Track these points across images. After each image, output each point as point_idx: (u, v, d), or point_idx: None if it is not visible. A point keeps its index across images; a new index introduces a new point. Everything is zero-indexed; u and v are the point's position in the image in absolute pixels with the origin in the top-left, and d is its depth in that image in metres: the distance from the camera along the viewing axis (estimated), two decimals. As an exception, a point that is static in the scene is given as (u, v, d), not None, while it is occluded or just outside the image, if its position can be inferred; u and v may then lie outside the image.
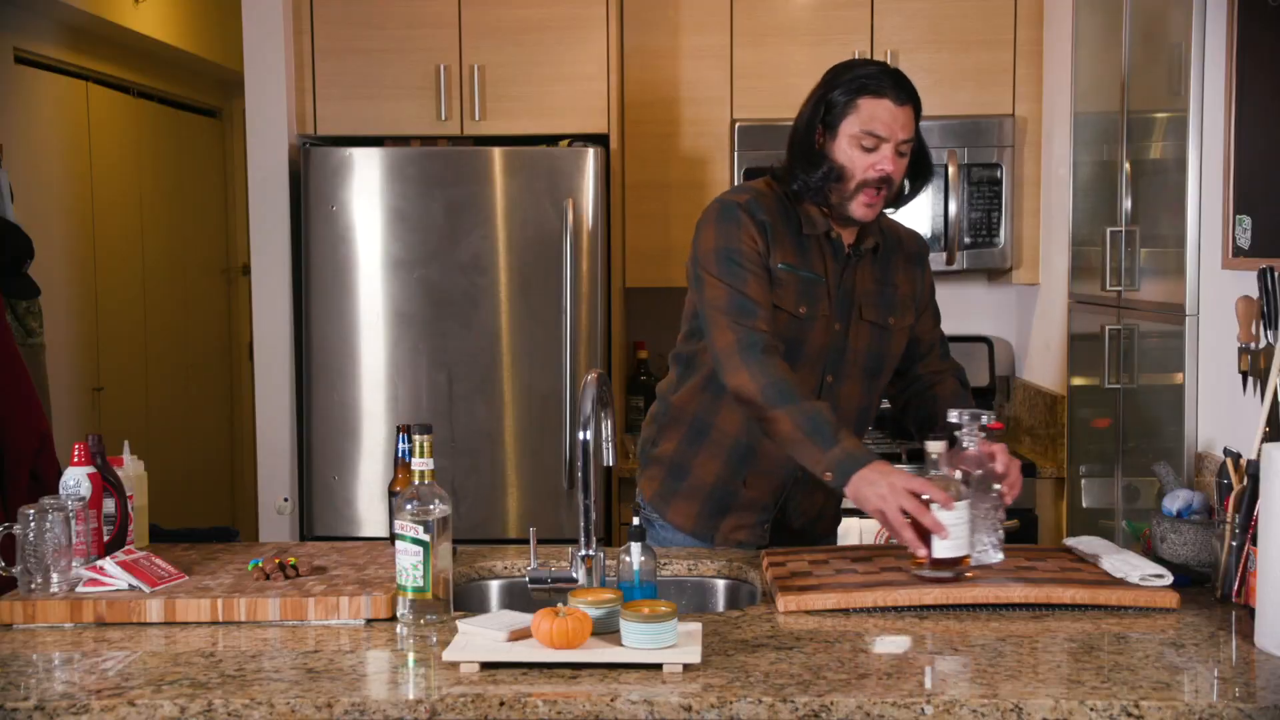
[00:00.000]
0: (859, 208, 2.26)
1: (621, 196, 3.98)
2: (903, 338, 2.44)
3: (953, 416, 2.11)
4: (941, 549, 1.99)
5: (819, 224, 2.32)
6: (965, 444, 2.10)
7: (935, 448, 2.10)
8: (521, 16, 3.83)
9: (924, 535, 2.00)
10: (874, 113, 2.23)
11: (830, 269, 2.32)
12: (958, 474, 2.06)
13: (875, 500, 2.04)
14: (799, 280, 2.30)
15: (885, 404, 4.10)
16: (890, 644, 1.84)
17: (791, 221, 2.32)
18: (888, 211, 2.42)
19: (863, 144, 2.23)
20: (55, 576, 2.02)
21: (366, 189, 3.75)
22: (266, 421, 3.90)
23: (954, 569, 2.01)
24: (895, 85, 2.24)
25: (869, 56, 3.95)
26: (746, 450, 2.39)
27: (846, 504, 2.27)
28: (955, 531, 2.00)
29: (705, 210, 2.37)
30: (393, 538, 1.98)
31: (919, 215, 3.91)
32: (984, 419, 2.10)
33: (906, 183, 2.35)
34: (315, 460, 3.80)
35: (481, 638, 1.77)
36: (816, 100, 2.29)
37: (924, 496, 2.00)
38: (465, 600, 2.28)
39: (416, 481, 1.96)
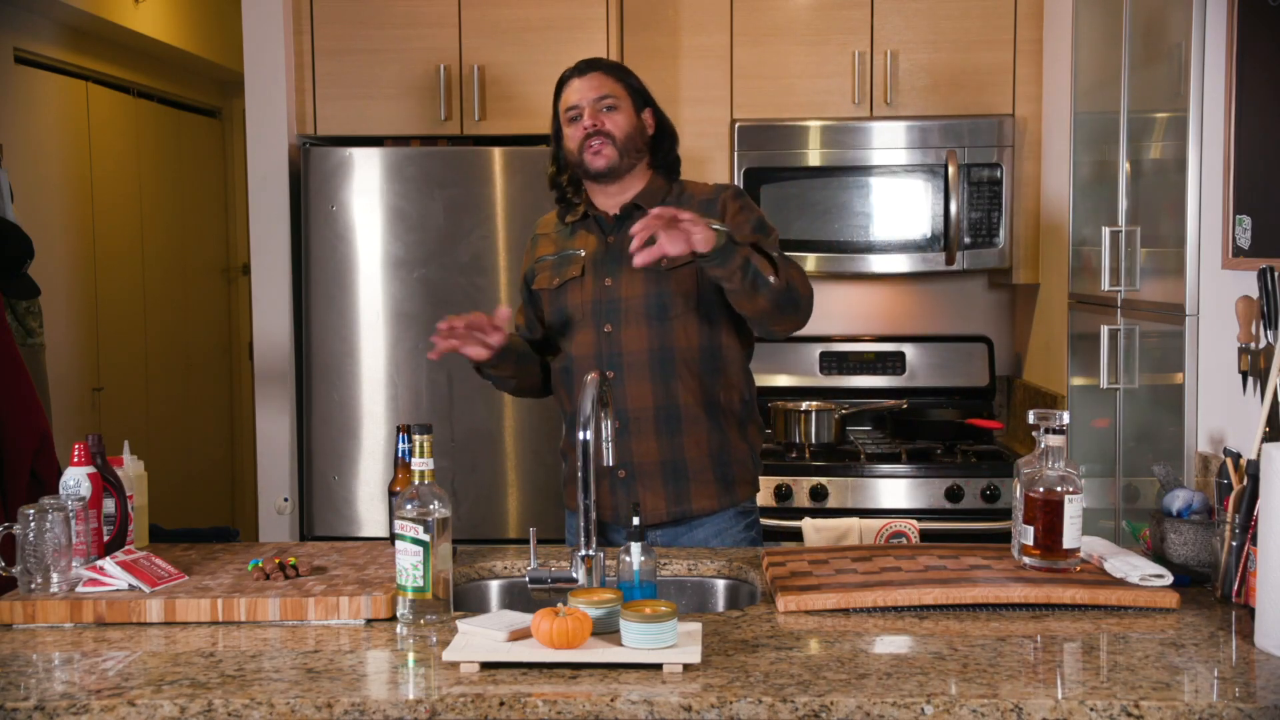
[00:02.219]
0: (590, 159, 2.56)
1: (621, 196, 3.98)
2: (685, 275, 2.53)
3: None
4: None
5: (579, 210, 2.67)
6: None
7: None
8: (521, 16, 3.83)
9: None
10: (565, 95, 2.63)
11: (593, 241, 2.63)
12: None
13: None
14: (552, 262, 2.66)
15: (896, 404, 4.12)
16: (890, 644, 1.84)
17: (561, 220, 2.70)
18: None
19: (570, 119, 2.60)
20: (55, 576, 2.02)
21: (366, 189, 3.75)
22: (266, 421, 3.90)
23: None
24: (578, 66, 2.64)
25: (869, 56, 3.95)
26: (571, 418, 2.62)
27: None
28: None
29: None
30: (393, 538, 1.98)
31: (919, 214, 3.91)
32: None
33: (652, 141, 2.63)
34: (315, 460, 3.80)
35: (481, 638, 1.77)
36: (551, 119, 2.69)
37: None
38: (465, 600, 2.28)
39: (416, 481, 1.96)
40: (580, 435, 2.04)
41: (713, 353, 2.58)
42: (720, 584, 2.32)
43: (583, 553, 2.04)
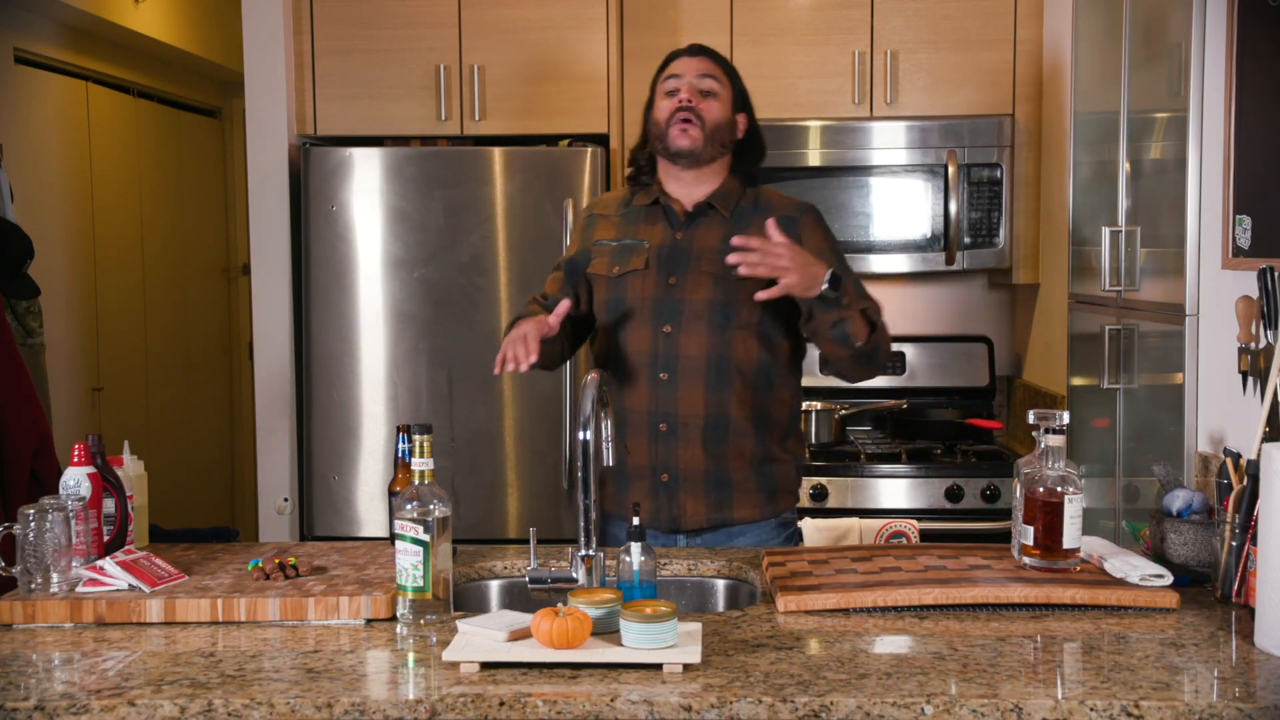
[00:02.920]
0: (675, 136, 2.51)
1: (621, 196, 3.98)
2: (755, 287, 2.43)
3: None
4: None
5: (651, 194, 2.60)
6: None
7: None
8: (521, 16, 3.83)
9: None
10: (672, 67, 2.59)
11: (660, 232, 2.56)
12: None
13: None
14: (613, 249, 2.57)
15: (896, 404, 4.12)
16: (890, 644, 1.84)
17: (629, 203, 2.63)
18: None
19: (667, 91, 2.56)
20: (55, 576, 2.02)
21: (366, 189, 3.75)
22: (266, 421, 3.90)
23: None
24: (690, 48, 2.61)
25: (869, 56, 3.95)
26: (619, 417, 2.51)
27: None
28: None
29: None
30: (393, 538, 1.98)
31: (919, 214, 3.91)
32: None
33: (738, 143, 2.59)
34: (315, 460, 3.80)
35: (481, 638, 1.77)
36: (648, 96, 2.64)
37: None
38: (465, 600, 2.28)
39: (416, 481, 1.96)
40: (581, 435, 2.04)
41: (768, 367, 2.53)
42: (720, 584, 2.32)
43: (583, 553, 2.04)
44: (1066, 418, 2.09)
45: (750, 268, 2.29)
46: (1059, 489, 2.05)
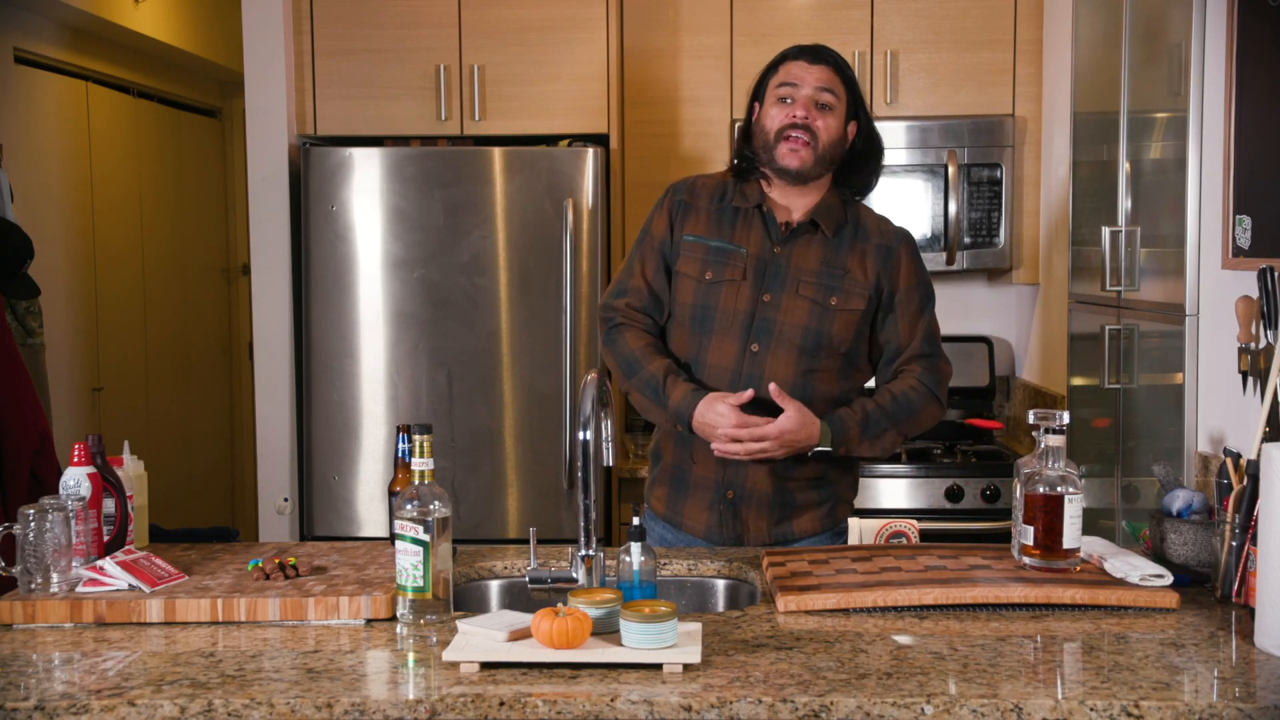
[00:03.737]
0: (785, 154, 2.40)
1: (621, 196, 3.99)
2: (848, 322, 2.43)
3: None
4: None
5: (751, 198, 2.46)
6: None
7: None
8: (521, 16, 3.83)
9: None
10: (789, 70, 2.43)
11: (758, 240, 2.44)
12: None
13: (706, 432, 2.35)
14: (707, 249, 2.45)
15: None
16: (890, 644, 1.84)
17: (724, 198, 2.49)
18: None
19: (780, 97, 2.41)
20: (55, 576, 2.02)
21: (366, 189, 3.75)
22: (266, 421, 3.90)
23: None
24: (812, 50, 2.44)
25: (869, 56, 3.95)
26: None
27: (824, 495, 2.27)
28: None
29: None
30: (393, 538, 1.98)
31: (919, 214, 3.91)
32: None
33: (859, 162, 2.50)
34: (315, 460, 3.80)
35: (481, 638, 1.77)
36: (754, 85, 2.50)
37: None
38: (465, 600, 2.28)
39: (416, 481, 1.96)
40: (581, 435, 2.03)
41: (845, 398, 2.47)
42: (720, 584, 2.32)
43: (583, 553, 2.04)
44: (1066, 418, 2.09)
45: (736, 450, 2.33)
46: (1059, 489, 2.05)
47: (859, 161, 2.50)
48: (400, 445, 2.23)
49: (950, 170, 3.86)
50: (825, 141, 2.41)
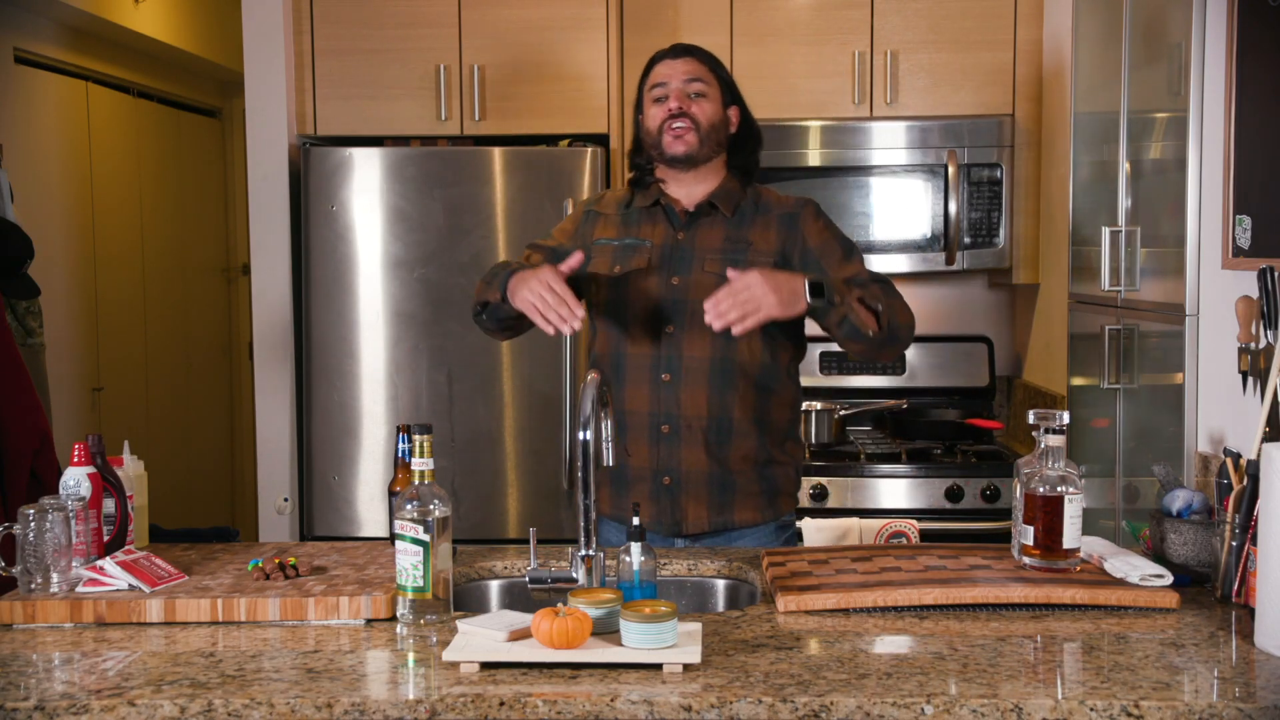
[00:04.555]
0: (670, 143, 2.50)
1: (621, 196, 3.98)
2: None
3: None
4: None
5: (651, 196, 2.58)
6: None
7: None
8: (521, 16, 3.83)
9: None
10: (657, 71, 2.56)
11: (662, 232, 2.54)
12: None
13: (521, 294, 2.34)
14: (614, 247, 2.55)
15: (896, 404, 4.11)
16: (890, 644, 1.84)
17: (630, 204, 2.60)
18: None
19: (655, 98, 2.53)
20: (55, 576, 2.02)
21: (366, 189, 3.75)
22: (266, 421, 3.90)
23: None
24: (673, 48, 2.58)
25: (869, 56, 3.95)
26: (618, 419, 2.50)
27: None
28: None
29: None
30: (393, 538, 1.98)
31: (919, 214, 3.91)
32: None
33: (734, 137, 2.57)
34: (315, 460, 3.80)
35: (481, 638, 1.77)
36: (635, 98, 2.62)
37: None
38: (465, 600, 2.28)
39: (416, 481, 1.96)
40: (581, 435, 2.04)
41: (772, 369, 2.52)
42: (720, 584, 2.32)
43: (583, 553, 2.04)
44: (1066, 418, 2.09)
45: (727, 320, 2.24)
46: (1059, 489, 2.05)
47: (741, 144, 2.59)
48: (400, 445, 2.23)
49: (950, 170, 3.86)
50: (705, 124, 2.50)
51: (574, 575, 2.04)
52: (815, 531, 3.42)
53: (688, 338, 2.47)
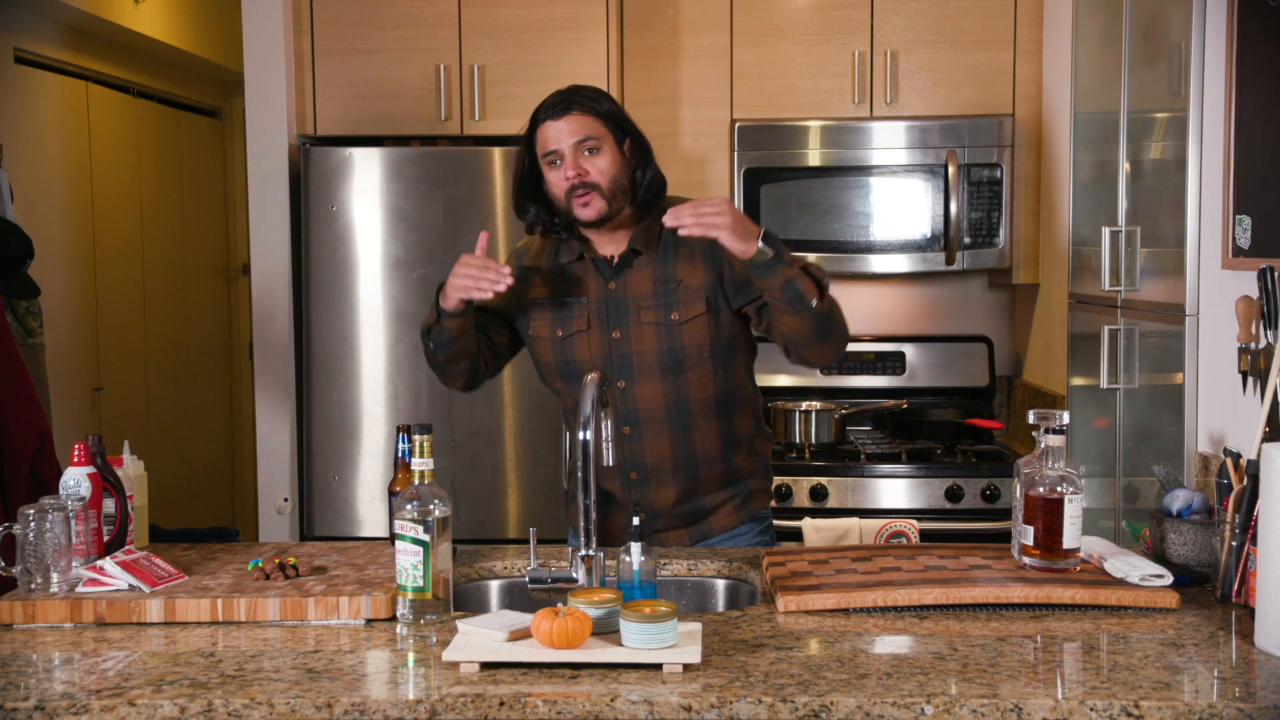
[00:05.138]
0: (579, 210, 2.43)
1: (621, 196, 3.98)
2: (697, 328, 2.44)
3: None
4: None
5: (575, 250, 2.51)
6: None
7: None
8: (521, 16, 3.83)
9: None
10: (543, 137, 2.47)
11: (594, 286, 2.49)
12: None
13: (450, 286, 2.35)
14: (553, 308, 2.51)
15: (896, 404, 4.11)
16: (890, 644, 1.84)
17: (556, 256, 2.54)
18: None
19: (549, 163, 2.46)
20: (55, 576, 2.02)
21: (366, 189, 3.75)
22: (266, 421, 3.90)
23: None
24: (552, 104, 2.47)
25: (869, 56, 3.95)
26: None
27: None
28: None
29: None
30: (393, 538, 1.98)
31: (919, 214, 3.91)
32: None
33: (636, 175, 2.48)
34: (315, 460, 3.80)
35: (481, 638, 1.77)
36: (521, 151, 2.54)
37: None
38: (465, 600, 2.28)
39: (416, 481, 1.96)
40: (581, 435, 2.04)
41: (728, 395, 2.51)
42: (720, 584, 2.32)
43: (583, 553, 2.04)
44: (1066, 418, 2.10)
45: (680, 223, 2.24)
46: (1059, 489, 2.05)
47: (641, 178, 2.48)
48: (400, 445, 2.23)
49: (950, 170, 3.86)
50: (607, 181, 2.42)
51: (574, 575, 2.04)
52: (815, 531, 3.43)
53: (639, 389, 2.47)
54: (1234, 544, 1.98)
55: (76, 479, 2.12)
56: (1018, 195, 3.95)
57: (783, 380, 4.23)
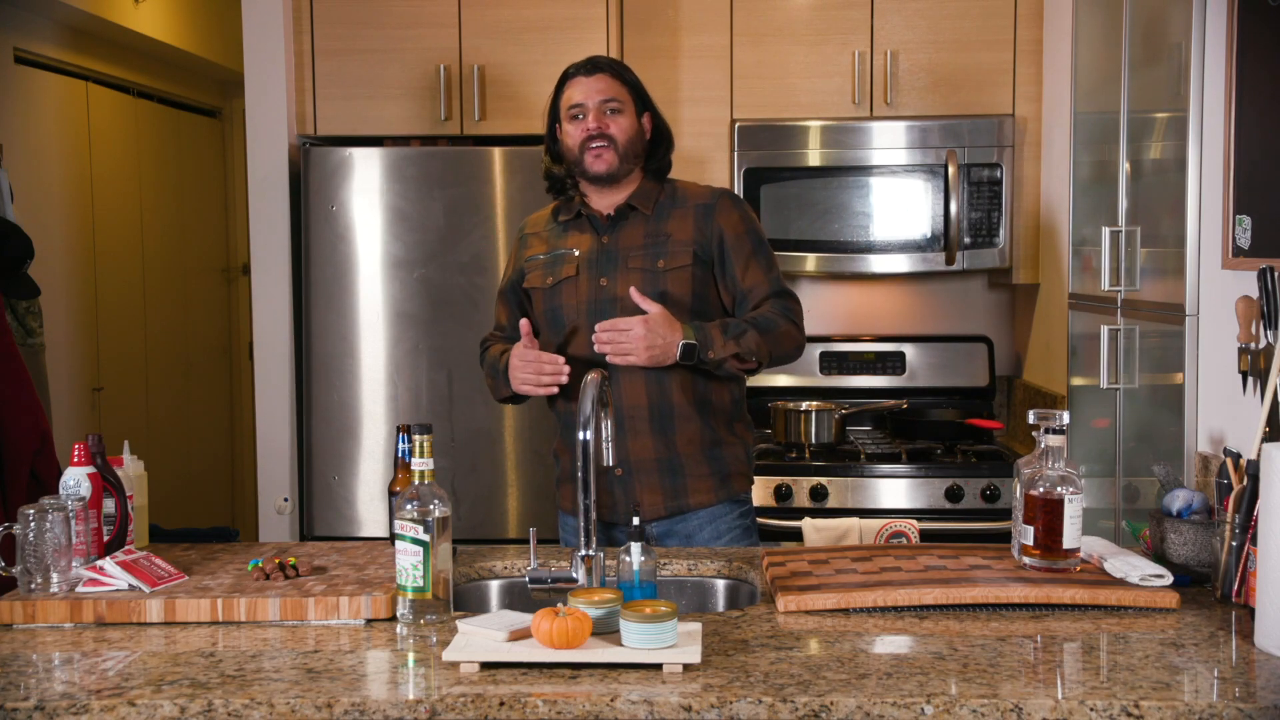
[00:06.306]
0: (591, 162, 2.59)
1: (621, 196, 3.98)
2: (681, 279, 2.59)
3: None
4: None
5: (574, 208, 2.68)
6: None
7: None
8: (521, 16, 3.83)
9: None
10: (572, 89, 2.63)
11: (587, 240, 2.65)
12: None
13: (518, 384, 2.54)
14: (545, 261, 2.67)
15: (896, 404, 4.11)
16: (890, 644, 1.84)
17: (556, 218, 2.71)
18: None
19: (572, 116, 2.62)
20: (55, 576, 2.02)
21: (366, 189, 3.75)
22: (266, 421, 3.90)
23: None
24: (585, 64, 2.65)
25: (869, 56, 3.95)
26: (566, 420, 2.64)
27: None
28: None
29: None
30: (393, 538, 1.98)
31: (919, 214, 3.91)
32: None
33: (654, 149, 2.68)
34: (315, 460, 3.80)
35: (481, 638, 1.77)
36: (549, 106, 2.70)
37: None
38: (465, 600, 2.28)
39: (416, 481, 1.96)
40: (581, 435, 2.04)
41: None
42: (720, 584, 2.32)
43: (583, 553, 2.04)
44: (1066, 418, 2.10)
45: (602, 348, 2.46)
46: (1059, 489, 2.05)
47: (654, 148, 2.68)
48: (400, 445, 2.23)
49: (950, 170, 3.86)
50: (623, 141, 2.60)
51: (574, 575, 2.04)
52: (815, 531, 3.43)
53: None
54: (1234, 544, 1.98)
55: (76, 479, 2.12)
56: (1018, 195, 3.95)
57: (783, 380, 4.23)
